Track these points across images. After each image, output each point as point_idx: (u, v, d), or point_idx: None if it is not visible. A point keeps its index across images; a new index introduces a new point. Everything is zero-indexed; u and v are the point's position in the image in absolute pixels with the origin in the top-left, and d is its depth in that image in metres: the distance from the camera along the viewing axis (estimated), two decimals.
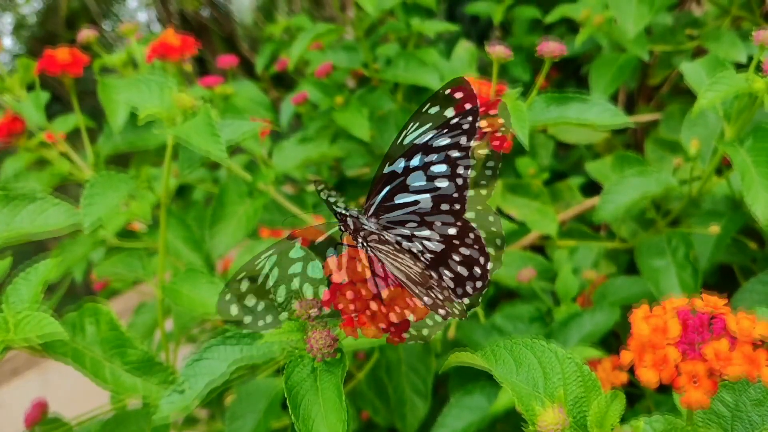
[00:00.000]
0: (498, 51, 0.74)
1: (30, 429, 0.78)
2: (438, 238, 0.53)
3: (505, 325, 0.96)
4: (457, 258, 0.52)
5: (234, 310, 0.49)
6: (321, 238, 0.54)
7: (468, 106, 0.51)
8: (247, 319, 0.50)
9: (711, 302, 0.42)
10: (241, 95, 1.40)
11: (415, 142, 0.52)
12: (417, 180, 0.52)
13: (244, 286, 0.49)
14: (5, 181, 0.92)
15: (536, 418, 0.42)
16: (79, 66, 0.93)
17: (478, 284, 0.52)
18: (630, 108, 1.61)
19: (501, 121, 0.75)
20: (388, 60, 1.34)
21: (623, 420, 0.48)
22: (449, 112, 0.51)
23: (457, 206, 0.52)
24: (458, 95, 0.51)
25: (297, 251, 0.52)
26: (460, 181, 0.52)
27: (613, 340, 1.05)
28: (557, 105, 0.79)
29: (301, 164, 1.03)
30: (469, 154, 0.51)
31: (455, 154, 0.51)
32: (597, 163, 1.05)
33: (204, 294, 0.75)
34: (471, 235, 0.52)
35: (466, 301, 0.53)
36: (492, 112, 0.77)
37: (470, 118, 0.50)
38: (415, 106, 1.37)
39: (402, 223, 0.54)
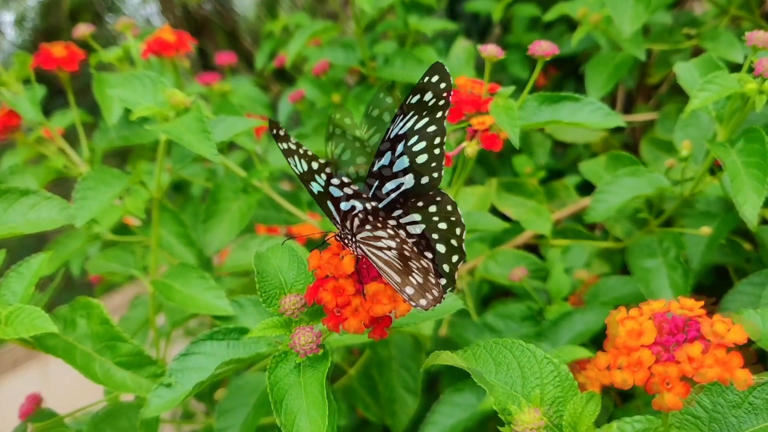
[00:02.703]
0: (490, 51, 0.74)
1: (24, 421, 0.79)
2: (419, 218, 0.55)
3: (497, 323, 0.96)
4: (436, 236, 0.55)
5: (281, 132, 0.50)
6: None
7: (443, 85, 0.53)
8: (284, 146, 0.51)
9: (687, 306, 0.43)
10: (239, 92, 1.41)
11: (399, 132, 0.54)
12: (401, 165, 0.55)
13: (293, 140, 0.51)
14: (1, 175, 0.92)
15: (512, 419, 0.43)
16: (74, 62, 0.93)
17: (455, 258, 0.55)
18: (629, 107, 1.61)
19: (492, 119, 0.76)
20: (386, 58, 1.34)
21: (612, 418, 0.49)
22: (428, 96, 0.53)
23: (435, 174, 0.55)
24: (435, 78, 0.53)
25: None
26: (437, 150, 0.55)
27: (605, 339, 1.05)
28: (549, 105, 0.79)
29: None
30: (444, 125, 0.54)
31: (431, 128, 0.54)
32: (590, 163, 1.05)
33: (194, 290, 0.75)
34: (448, 207, 0.55)
35: (443, 281, 0.54)
36: (483, 110, 0.78)
37: (445, 94, 0.53)
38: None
39: (389, 213, 0.57)
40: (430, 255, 0.54)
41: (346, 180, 0.51)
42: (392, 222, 0.54)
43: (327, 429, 0.50)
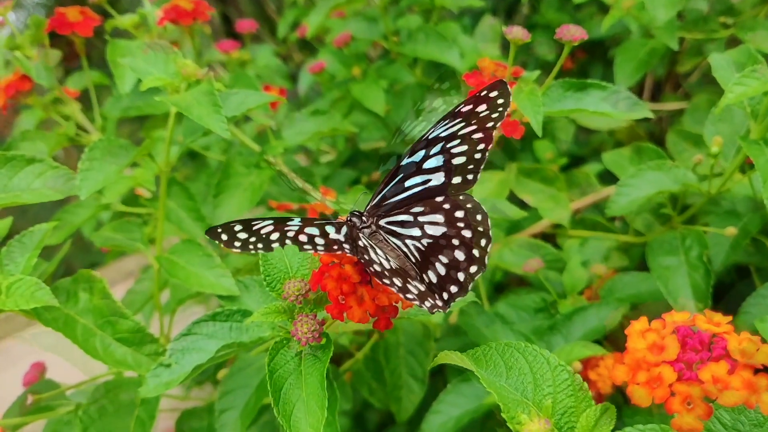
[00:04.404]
0: (515, 33, 0.71)
1: (25, 392, 0.78)
2: (441, 219, 0.53)
3: (509, 313, 0.94)
4: (457, 242, 0.52)
5: (223, 237, 0.49)
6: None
7: (501, 101, 0.53)
8: (237, 244, 0.49)
9: (714, 320, 0.40)
10: (258, 62, 1.38)
11: (440, 135, 0.54)
12: (433, 163, 0.54)
13: (238, 228, 0.49)
14: (12, 140, 0.91)
15: (521, 428, 0.41)
16: (89, 27, 0.91)
17: (473, 269, 0.52)
18: (656, 95, 1.56)
19: (514, 105, 0.73)
20: (410, 33, 1.30)
21: (621, 416, 0.46)
22: (481, 107, 0.53)
23: (470, 176, 0.54)
24: (493, 94, 0.53)
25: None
26: (477, 155, 0.54)
27: (620, 335, 1.02)
28: (575, 92, 0.75)
29: (312, 138, 1.00)
30: (492, 135, 0.54)
31: (478, 135, 0.53)
32: (613, 154, 1.01)
33: (199, 267, 0.74)
34: (478, 216, 0.53)
35: (454, 288, 0.52)
36: None
37: (501, 109, 0.53)
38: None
39: (407, 208, 0.55)
40: (444, 259, 0.52)
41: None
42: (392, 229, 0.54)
43: (326, 420, 0.49)
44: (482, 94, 0.53)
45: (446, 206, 0.53)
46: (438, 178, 0.54)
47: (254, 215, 0.99)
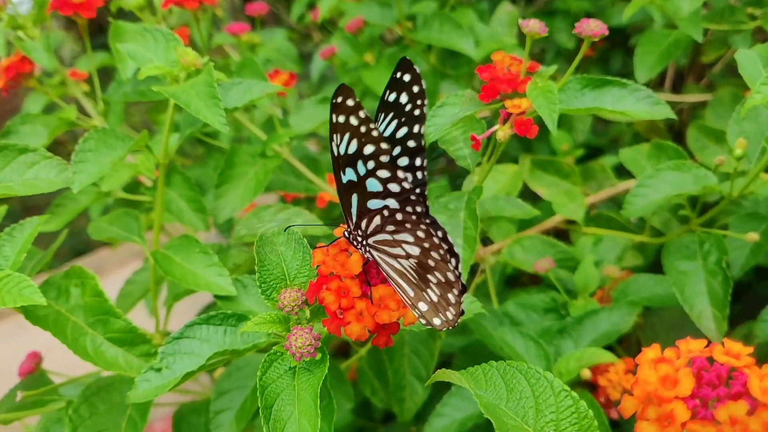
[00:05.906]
0: (532, 27, 0.67)
1: (17, 385, 0.77)
2: (411, 239, 0.48)
3: (518, 313, 0.91)
4: (432, 263, 0.48)
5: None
6: None
7: (416, 89, 0.47)
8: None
9: (733, 351, 0.37)
10: (269, 45, 1.35)
11: (385, 135, 0.48)
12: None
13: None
14: (11, 123, 0.88)
15: None
16: (92, 8, 0.88)
17: (455, 290, 0.48)
18: (678, 86, 1.51)
19: (528, 103, 0.69)
20: (425, 19, 1.27)
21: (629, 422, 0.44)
22: (404, 98, 0.47)
23: (419, 208, 0.48)
24: (406, 78, 0.47)
25: None
26: (419, 174, 0.49)
27: (633, 338, 1.00)
28: (593, 89, 0.71)
29: (320, 127, 0.97)
30: (422, 143, 0.49)
31: (411, 143, 0.49)
32: (631, 150, 0.97)
33: (196, 265, 0.71)
34: (438, 235, 0.48)
35: (450, 314, 0.48)
36: (520, 90, 0.72)
37: (419, 101, 0.47)
38: (449, 70, 1.31)
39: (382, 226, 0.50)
40: (434, 279, 0.48)
41: (401, 175, 0.44)
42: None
43: None
44: (396, 75, 0.47)
45: (408, 225, 0.47)
46: (392, 204, 0.48)
47: (259, 204, 0.96)
